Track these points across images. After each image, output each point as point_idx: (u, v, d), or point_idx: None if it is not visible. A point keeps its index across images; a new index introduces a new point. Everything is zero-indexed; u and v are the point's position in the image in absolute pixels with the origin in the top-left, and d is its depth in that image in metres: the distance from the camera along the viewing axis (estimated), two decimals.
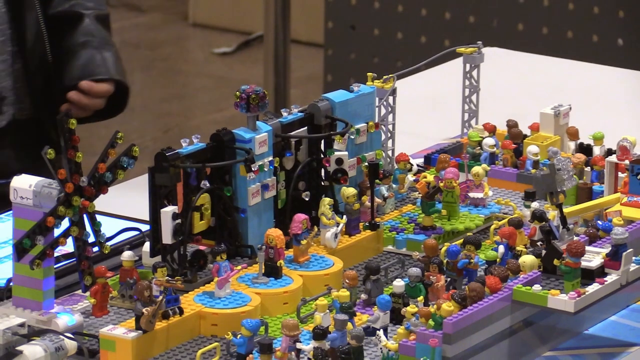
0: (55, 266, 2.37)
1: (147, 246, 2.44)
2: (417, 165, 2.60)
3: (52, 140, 3.36)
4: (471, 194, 2.56)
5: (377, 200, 2.50)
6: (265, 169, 2.43)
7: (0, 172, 3.39)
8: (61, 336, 2.43)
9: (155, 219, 2.41)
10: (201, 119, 6.02)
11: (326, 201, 2.42)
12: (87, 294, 2.39)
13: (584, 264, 2.31)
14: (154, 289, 2.31)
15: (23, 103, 3.59)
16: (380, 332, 2.19)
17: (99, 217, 2.36)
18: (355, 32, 4.69)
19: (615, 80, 3.35)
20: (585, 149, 2.66)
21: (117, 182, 2.38)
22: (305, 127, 2.48)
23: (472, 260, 2.33)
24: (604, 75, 3.38)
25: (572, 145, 2.68)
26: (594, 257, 2.33)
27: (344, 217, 2.46)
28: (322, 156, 2.49)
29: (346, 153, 2.48)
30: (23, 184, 2.37)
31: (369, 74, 2.57)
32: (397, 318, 2.27)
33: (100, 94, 3.48)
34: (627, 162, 2.58)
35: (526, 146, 2.63)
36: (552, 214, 2.40)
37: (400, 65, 2.88)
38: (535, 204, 2.44)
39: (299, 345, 2.16)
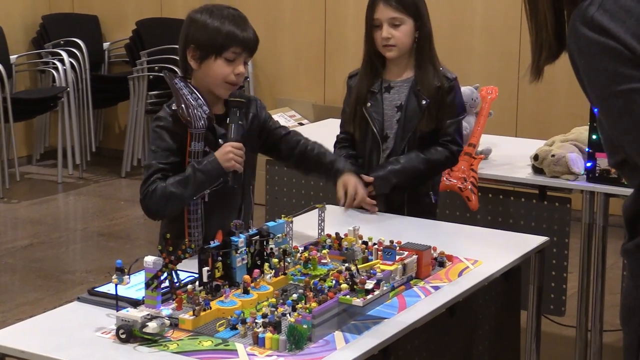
0: (162, 291, 2.67)
1: (197, 283, 2.84)
2: None
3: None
4: None
5: None
6: None
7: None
8: (165, 320, 2.65)
9: (200, 273, 2.83)
10: None
11: None
12: (174, 302, 2.76)
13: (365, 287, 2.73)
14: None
15: None
16: None
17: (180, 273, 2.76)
18: None
19: None
20: None
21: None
22: None
23: None
24: None
25: None
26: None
27: None
28: None
29: None
30: (149, 260, 2.60)
31: None
32: None
33: None
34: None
35: None
36: None
37: None
38: None
39: None
